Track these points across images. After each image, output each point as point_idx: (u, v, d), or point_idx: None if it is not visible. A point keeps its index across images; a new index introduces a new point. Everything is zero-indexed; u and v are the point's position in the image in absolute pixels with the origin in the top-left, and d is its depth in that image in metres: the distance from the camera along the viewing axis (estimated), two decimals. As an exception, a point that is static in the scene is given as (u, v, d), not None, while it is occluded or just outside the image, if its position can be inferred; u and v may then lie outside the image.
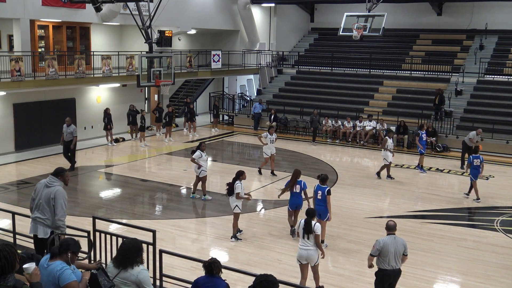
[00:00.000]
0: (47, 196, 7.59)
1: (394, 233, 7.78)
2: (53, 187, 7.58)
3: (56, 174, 7.71)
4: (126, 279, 5.41)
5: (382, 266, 7.72)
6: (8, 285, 4.34)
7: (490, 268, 10.08)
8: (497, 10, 27.55)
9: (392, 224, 7.85)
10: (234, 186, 11.00)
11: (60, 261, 5.21)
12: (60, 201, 7.52)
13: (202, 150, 13.80)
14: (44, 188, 7.68)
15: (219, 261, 5.95)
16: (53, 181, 7.63)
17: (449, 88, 24.30)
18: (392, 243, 7.63)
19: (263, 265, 9.67)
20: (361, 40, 20.92)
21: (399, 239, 7.73)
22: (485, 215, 13.47)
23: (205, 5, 26.65)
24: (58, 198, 7.52)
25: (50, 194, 7.55)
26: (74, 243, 5.41)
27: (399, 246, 7.66)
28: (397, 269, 7.74)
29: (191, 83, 30.15)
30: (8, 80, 17.09)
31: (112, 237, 8.18)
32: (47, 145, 19.92)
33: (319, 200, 10.68)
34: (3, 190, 14.49)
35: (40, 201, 7.66)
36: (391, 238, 7.69)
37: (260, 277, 4.92)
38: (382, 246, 7.61)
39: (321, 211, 10.60)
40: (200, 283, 5.83)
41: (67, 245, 5.30)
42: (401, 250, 7.70)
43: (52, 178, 7.66)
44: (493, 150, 20.52)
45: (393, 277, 7.82)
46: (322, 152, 20.59)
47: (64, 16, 20.03)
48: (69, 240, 5.42)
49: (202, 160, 13.75)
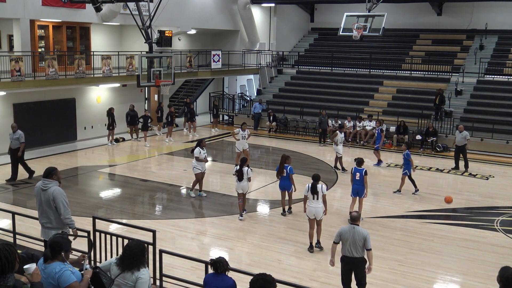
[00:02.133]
0: (46, 199, 7.60)
1: (357, 223, 8.07)
2: (49, 189, 7.57)
3: (47, 175, 7.68)
4: (128, 279, 5.40)
5: (342, 253, 8.15)
6: (8, 285, 4.34)
7: (490, 268, 10.06)
8: (497, 10, 27.55)
9: (355, 215, 8.25)
10: (244, 171, 12.08)
11: (57, 262, 5.14)
12: (60, 200, 7.54)
13: (202, 147, 13.90)
14: (41, 192, 7.67)
15: (226, 260, 6.07)
16: (47, 183, 7.61)
17: (449, 88, 24.30)
18: (350, 231, 7.96)
19: (263, 265, 9.66)
20: (361, 40, 20.92)
21: (359, 229, 7.97)
22: (485, 215, 13.46)
23: (205, 5, 26.65)
24: (57, 198, 7.53)
25: (49, 196, 7.55)
26: (65, 241, 5.30)
27: (356, 236, 7.89)
28: (355, 258, 7.96)
29: (191, 83, 30.16)
30: (8, 80, 17.08)
31: (112, 237, 8.19)
32: (47, 145, 19.93)
33: (357, 180, 12.12)
34: (3, 190, 14.49)
35: (42, 205, 7.68)
36: (350, 227, 8.02)
37: (258, 275, 4.96)
38: (340, 234, 8.05)
39: (359, 190, 12.16)
40: (207, 281, 6.06)
41: (60, 246, 5.18)
42: (360, 240, 7.89)
43: (46, 180, 7.64)
44: (493, 150, 20.53)
45: (352, 265, 8.06)
46: (322, 152, 20.57)
47: (64, 16, 20.03)
48: (59, 240, 5.29)
49: (200, 158, 13.88)
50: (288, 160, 12.57)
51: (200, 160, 13.83)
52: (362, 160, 12.43)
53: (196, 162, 13.90)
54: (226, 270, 6.02)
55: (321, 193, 10.46)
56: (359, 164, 12.31)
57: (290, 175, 12.48)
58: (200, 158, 13.83)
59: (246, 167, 12.16)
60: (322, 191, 10.50)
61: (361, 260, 8.03)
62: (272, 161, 19.67)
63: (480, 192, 15.52)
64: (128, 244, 5.52)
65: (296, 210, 13.01)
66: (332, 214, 12.72)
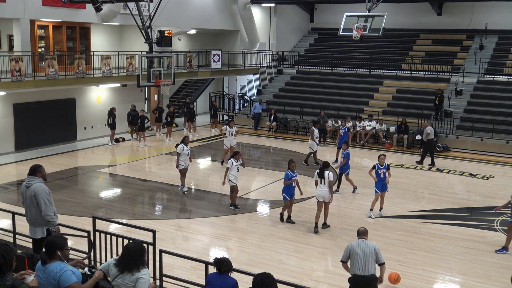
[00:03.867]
0: (29, 196, 7.48)
1: (364, 237, 7.69)
2: (32, 186, 7.44)
3: (32, 172, 7.54)
4: (127, 280, 5.40)
5: (353, 271, 7.50)
6: (6, 284, 4.35)
7: (490, 268, 10.07)
8: (497, 10, 27.55)
9: (362, 230, 7.87)
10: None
11: (57, 262, 5.08)
12: (41, 196, 7.37)
13: (185, 144, 14.38)
14: (26, 190, 7.56)
15: (229, 260, 6.10)
16: (31, 179, 7.48)
17: (449, 88, 24.30)
18: (360, 246, 7.52)
19: (263, 265, 9.66)
20: (361, 40, 20.90)
21: (368, 243, 7.58)
22: (485, 215, 13.46)
23: (205, 5, 26.65)
24: (38, 194, 7.36)
25: (31, 193, 7.42)
26: (58, 240, 5.23)
27: (368, 249, 7.46)
28: (367, 276, 7.38)
29: (191, 83, 30.15)
30: (8, 80, 17.08)
31: (112, 237, 8.18)
32: (47, 145, 19.93)
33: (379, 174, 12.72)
34: (3, 190, 14.49)
35: (26, 203, 7.57)
36: (359, 242, 7.61)
37: (260, 275, 5.01)
38: (350, 250, 7.53)
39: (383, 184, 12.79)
40: (210, 280, 6.11)
41: (53, 245, 5.11)
42: (371, 254, 7.45)
43: (30, 177, 7.50)
44: (493, 150, 20.52)
45: (364, 284, 7.41)
46: (322, 152, 20.56)
47: (64, 16, 20.03)
48: (52, 239, 5.22)
49: (183, 154, 14.29)
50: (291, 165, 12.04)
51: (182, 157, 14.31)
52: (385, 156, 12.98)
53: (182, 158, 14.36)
54: (230, 270, 6.06)
55: (327, 179, 11.44)
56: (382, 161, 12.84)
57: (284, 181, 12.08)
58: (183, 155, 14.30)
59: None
60: (328, 177, 11.44)
61: (373, 278, 7.49)
62: (272, 161, 19.69)
63: (480, 192, 15.52)
64: (127, 245, 5.49)
65: (296, 210, 13.02)
66: (329, 214, 12.72)
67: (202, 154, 20.14)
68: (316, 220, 11.64)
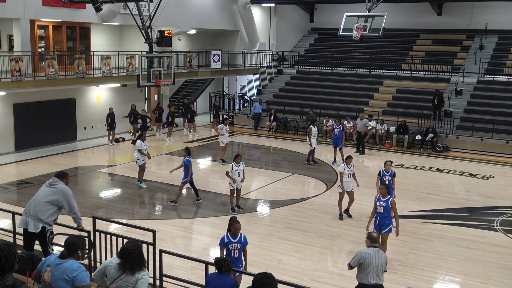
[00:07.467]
0: (46, 193, 7.71)
1: (376, 245, 7.32)
2: (58, 186, 7.75)
3: (59, 175, 7.93)
4: (128, 281, 5.40)
5: (362, 281, 7.11)
6: (7, 284, 4.37)
7: (490, 268, 10.07)
8: (497, 10, 27.55)
9: (375, 236, 7.47)
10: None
11: (74, 260, 5.31)
12: (71, 196, 7.80)
13: (142, 140, 14.86)
14: (45, 186, 7.83)
15: (230, 260, 6.18)
16: (57, 181, 7.83)
17: (449, 88, 24.30)
18: (375, 256, 7.09)
19: (263, 265, 9.65)
20: (361, 40, 20.88)
21: (381, 253, 7.25)
22: (485, 215, 13.46)
23: (205, 5, 26.65)
24: (68, 195, 7.76)
25: (56, 191, 7.70)
26: (80, 241, 5.51)
27: (381, 260, 7.12)
28: (378, 285, 7.10)
29: (191, 83, 30.15)
30: (8, 80, 17.08)
31: (112, 237, 8.18)
32: (47, 145, 19.93)
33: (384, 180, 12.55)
34: (3, 190, 14.48)
35: (38, 196, 7.76)
36: (374, 251, 7.15)
37: (260, 274, 5.03)
38: (365, 259, 7.06)
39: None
40: (210, 279, 6.15)
41: (75, 245, 5.39)
42: (383, 265, 7.18)
43: (56, 179, 7.85)
44: (493, 150, 20.52)
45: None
46: (322, 152, 20.55)
47: (64, 16, 20.03)
48: (75, 239, 5.47)
49: (142, 150, 14.74)
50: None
51: (142, 153, 14.74)
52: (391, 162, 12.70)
53: (138, 154, 14.78)
54: (230, 270, 6.09)
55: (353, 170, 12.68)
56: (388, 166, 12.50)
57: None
58: (142, 150, 14.72)
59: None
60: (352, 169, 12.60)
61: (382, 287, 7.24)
62: (272, 161, 19.69)
63: (480, 192, 15.52)
64: (124, 247, 5.50)
65: (296, 210, 13.01)
66: (330, 214, 12.72)
67: (202, 154, 20.14)
68: (340, 210, 12.72)
